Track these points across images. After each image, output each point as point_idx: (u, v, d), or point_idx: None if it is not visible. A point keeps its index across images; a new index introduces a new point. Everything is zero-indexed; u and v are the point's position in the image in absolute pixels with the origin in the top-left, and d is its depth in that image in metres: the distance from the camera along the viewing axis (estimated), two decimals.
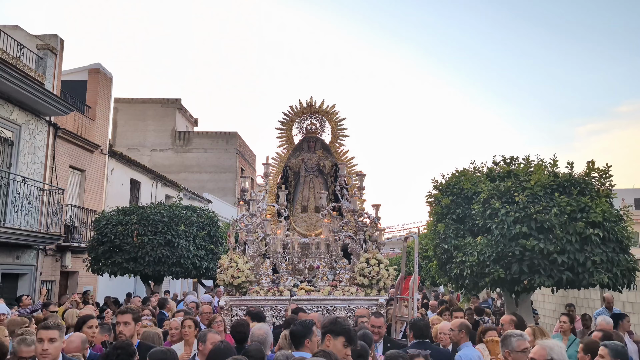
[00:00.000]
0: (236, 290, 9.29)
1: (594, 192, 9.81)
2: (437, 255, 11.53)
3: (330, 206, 10.39)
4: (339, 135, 11.64)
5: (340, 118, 11.63)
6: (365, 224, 9.99)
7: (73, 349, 5.21)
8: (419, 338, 5.82)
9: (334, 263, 9.82)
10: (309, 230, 10.92)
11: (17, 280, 15.09)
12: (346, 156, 11.52)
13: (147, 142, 35.74)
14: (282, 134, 11.72)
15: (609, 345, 4.57)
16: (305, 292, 9.12)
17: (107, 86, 20.19)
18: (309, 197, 11.33)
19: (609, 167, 10.15)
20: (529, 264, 9.42)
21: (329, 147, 11.69)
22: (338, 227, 9.97)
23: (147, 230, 14.45)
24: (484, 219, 10.03)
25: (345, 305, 9.06)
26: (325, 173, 11.56)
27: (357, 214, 10.07)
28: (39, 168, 15.67)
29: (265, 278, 9.49)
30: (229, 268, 9.24)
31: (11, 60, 14.29)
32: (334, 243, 9.91)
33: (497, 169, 11.30)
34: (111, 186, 20.25)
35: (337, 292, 9.21)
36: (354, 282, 9.43)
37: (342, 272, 9.60)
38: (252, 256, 9.84)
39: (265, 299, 9.16)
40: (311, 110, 11.60)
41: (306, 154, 11.66)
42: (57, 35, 16.84)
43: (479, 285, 10.35)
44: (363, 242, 9.89)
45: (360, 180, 10.60)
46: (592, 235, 9.25)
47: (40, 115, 15.53)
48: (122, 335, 5.67)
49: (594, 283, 9.41)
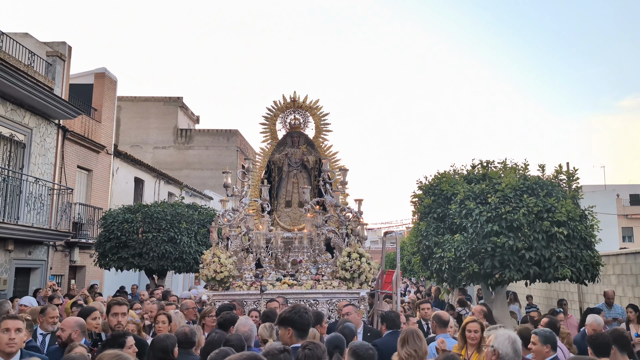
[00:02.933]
0: (219, 285, 9.32)
1: (561, 194, 10.70)
2: (420, 251, 12.43)
3: (314, 201, 10.44)
4: (322, 130, 11.58)
5: (323, 113, 11.54)
6: (348, 218, 10.03)
7: (69, 329, 5.39)
8: (391, 329, 6.20)
9: (317, 257, 9.86)
10: (292, 225, 10.87)
11: (30, 274, 16.05)
12: (330, 151, 11.45)
13: (150, 140, 36.56)
14: (266, 129, 11.64)
15: (539, 332, 5.43)
16: (288, 286, 9.20)
17: (112, 89, 21.10)
18: (292, 192, 11.28)
19: (575, 170, 11.05)
20: (500, 260, 10.29)
21: (312, 142, 11.62)
22: (321, 221, 10.02)
23: (152, 227, 15.38)
24: (460, 218, 10.92)
25: (328, 298, 9.15)
26: (309, 168, 11.48)
27: (340, 209, 10.08)
28: (49, 169, 16.60)
29: (248, 273, 9.51)
30: (211, 263, 9.29)
31: (23, 68, 15.20)
32: (316, 237, 9.96)
33: (475, 171, 12.19)
34: (116, 184, 21.19)
35: (320, 285, 9.29)
36: (336, 275, 9.51)
37: (324, 266, 9.65)
38: (235, 251, 9.84)
39: (247, 294, 9.19)
40: (294, 106, 11.52)
41: (290, 149, 11.57)
42: (65, 43, 17.72)
43: (456, 279, 11.26)
44: (345, 236, 9.92)
45: (342, 175, 10.63)
46: (557, 233, 10.11)
47: (50, 119, 16.45)
48: (119, 325, 5.77)
49: (559, 277, 10.29)
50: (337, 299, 9.04)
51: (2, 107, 14.36)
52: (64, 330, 5.43)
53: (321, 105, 11.50)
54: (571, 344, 7.85)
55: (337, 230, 10.06)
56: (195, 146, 37.22)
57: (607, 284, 13.57)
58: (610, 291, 11.10)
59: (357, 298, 9.07)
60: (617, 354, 5.13)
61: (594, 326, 7.16)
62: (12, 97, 14.56)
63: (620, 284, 13.01)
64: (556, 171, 11.15)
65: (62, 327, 5.53)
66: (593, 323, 7.26)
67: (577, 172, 11.03)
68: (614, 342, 5.17)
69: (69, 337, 5.32)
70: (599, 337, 5.42)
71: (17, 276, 15.25)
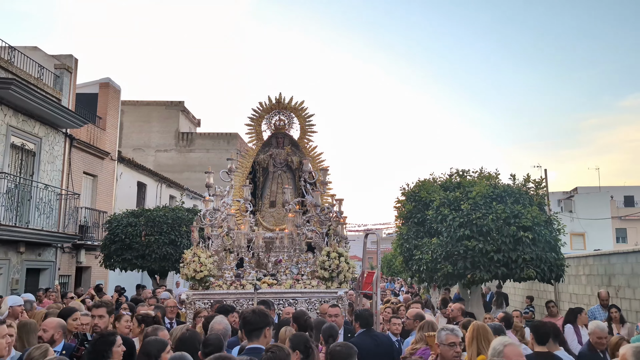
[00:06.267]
0: (199, 284, 9.37)
1: (527, 201, 11.69)
2: (402, 253, 13.45)
3: (296, 201, 10.49)
4: (307, 131, 11.57)
5: (308, 114, 11.53)
6: (329, 218, 10.06)
7: (51, 330, 5.37)
8: (364, 327, 6.18)
9: (298, 257, 9.91)
10: (276, 225, 10.83)
11: (39, 274, 17.08)
12: (314, 152, 11.48)
13: (152, 143, 37.41)
14: (252, 130, 11.66)
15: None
16: (268, 286, 9.24)
17: (116, 98, 22.14)
18: (277, 193, 11.28)
19: (542, 179, 12.06)
20: (471, 261, 11.29)
21: (297, 143, 11.63)
22: (301, 221, 10.02)
23: (154, 230, 16.42)
24: (436, 223, 11.93)
25: (307, 298, 9.19)
26: (293, 169, 11.49)
27: (320, 208, 10.11)
28: (57, 175, 17.63)
29: (228, 272, 9.52)
30: (191, 262, 9.32)
31: (33, 81, 16.23)
32: (297, 237, 9.96)
33: (452, 179, 13.21)
34: (120, 189, 22.22)
35: (299, 285, 9.33)
36: (315, 275, 9.54)
37: (304, 266, 9.70)
38: (217, 251, 9.86)
39: (227, 293, 9.18)
40: (279, 107, 11.51)
41: (274, 150, 11.58)
42: (71, 55, 18.75)
43: (433, 278, 12.27)
44: (326, 235, 9.93)
45: (323, 175, 10.67)
46: (524, 237, 11.10)
47: (58, 128, 17.48)
48: (97, 327, 5.81)
49: (525, 277, 11.28)
50: (316, 298, 9.14)
51: (14, 118, 15.39)
52: (47, 330, 5.39)
53: (306, 107, 11.52)
54: (524, 337, 8.66)
55: (317, 230, 10.07)
56: (196, 149, 37.99)
57: (578, 283, 14.57)
58: (604, 292, 10.44)
59: (335, 297, 9.07)
60: None
61: (597, 334, 6.27)
62: (24, 109, 15.60)
63: (589, 284, 13.98)
64: (524, 179, 12.14)
65: (44, 327, 5.46)
66: (597, 330, 6.30)
67: (543, 180, 12.00)
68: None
69: (52, 338, 5.31)
70: None
71: (28, 276, 16.28)
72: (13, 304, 7.87)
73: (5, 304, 8.07)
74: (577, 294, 14.74)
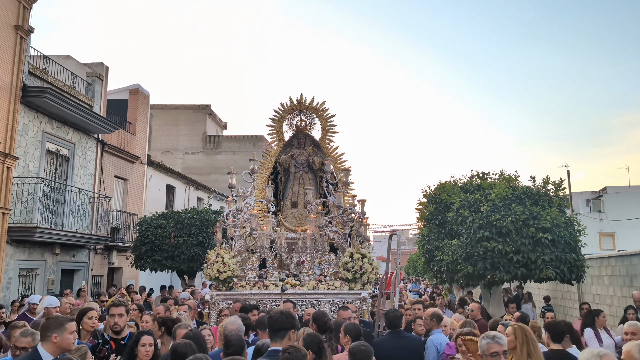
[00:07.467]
0: (222, 284, 9.46)
1: (546, 202, 11.83)
2: (424, 254, 13.70)
3: (318, 201, 10.50)
4: (328, 131, 11.59)
5: (330, 115, 11.55)
6: (352, 219, 10.09)
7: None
8: (391, 328, 6.27)
9: (320, 258, 9.91)
10: (298, 226, 10.84)
11: (73, 275, 17.75)
12: (336, 152, 11.48)
13: (180, 146, 38.14)
14: (273, 131, 11.67)
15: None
16: (291, 287, 9.23)
17: (145, 103, 22.79)
18: (298, 193, 11.29)
19: (562, 180, 12.17)
20: (491, 262, 11.48)
21: (319, 143, 11.66)
22: (324, 222, 10.04)
23: (182, 232, 16.95)
24: (456, 224, 12.15)
25: (330, 299, 9.18)
26: (315, 169, 11.50)
27: (342, 209, 10.13)
28: (90, 179, 18.29)
29: (251, 273, 9.57)
30: (215, 263, 9.41)
31: (67, 89, 16.89)
32: (319, 238, 9.96)
33: (473, 181, 13.41)
34: (150, 192, 22.88)
35: (322, 286, 9.32)
36: (338, 276, 9.56)
37: (327, 267, 9.73)
38: (240, 251, 9.88)
39: (250, 293, 9.24)
40: (300, 107, 11.55)
41: (296, 150, 11.61)
42: (102, 63, 19.41)
43: (454, 279, 12.50)
44: (348, 236, 9.91)
45: (345, 176, 10.71)
46: (543, 238, 11.25)
47: (90, 134, 18.14)
48: (117, 326, 5.87)
49: (544, 277, 11.42)
50: (339, 299, 9.13)
51: (49, 125, 16.06)
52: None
53: (327, 107, 11.55)
54: (541, 337, 8.84)
55: (340, 231, 10.10)
56: (223, 151, 38.55)
57: (601, 284, 14.61)
58: (637, 293, 9.95)
59: (359, 299, 9.16)
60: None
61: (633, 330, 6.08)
62: (58, 116, 16.26)
63: (611, 285, 14.01)
64: (544, 181, 12.27)
65: None
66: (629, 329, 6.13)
67: (563, 182, 12.12)
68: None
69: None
70: None
71: (63, 276, 16.95)
72: (49, 304, 8.15)
73: (42, 304, 8.39)
74: (600, 294, 14.78)
